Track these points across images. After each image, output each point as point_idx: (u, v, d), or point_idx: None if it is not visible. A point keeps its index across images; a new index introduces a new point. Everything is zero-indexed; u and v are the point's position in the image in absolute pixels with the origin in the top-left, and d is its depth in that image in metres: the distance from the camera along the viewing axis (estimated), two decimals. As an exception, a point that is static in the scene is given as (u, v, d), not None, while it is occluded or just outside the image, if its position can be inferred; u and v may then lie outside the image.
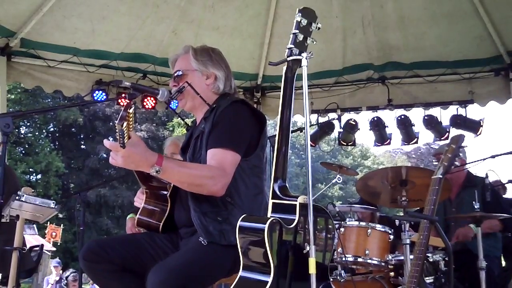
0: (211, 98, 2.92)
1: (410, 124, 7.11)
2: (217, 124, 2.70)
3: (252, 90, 7.59)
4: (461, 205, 5.17)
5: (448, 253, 3.94)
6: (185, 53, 3.00)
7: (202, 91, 2.91)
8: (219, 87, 2.94)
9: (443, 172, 3.02)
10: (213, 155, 2.61)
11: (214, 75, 2.93)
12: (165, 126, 32.62)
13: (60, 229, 19.22)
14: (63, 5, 5.85)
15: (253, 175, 2.72)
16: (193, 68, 2.93)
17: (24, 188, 3.83)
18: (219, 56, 3.03)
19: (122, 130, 2.21)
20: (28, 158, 28.74)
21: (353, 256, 4.25)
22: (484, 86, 6.77)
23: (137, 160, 2.38)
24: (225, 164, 2.57)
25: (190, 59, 2.94)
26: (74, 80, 6.63)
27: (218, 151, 2.61)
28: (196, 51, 2.98)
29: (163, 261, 2.52)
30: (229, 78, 2.99)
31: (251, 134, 2.73)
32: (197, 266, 2.51)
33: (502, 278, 5.43)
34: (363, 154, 47.32)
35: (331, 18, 6.48)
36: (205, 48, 3.04)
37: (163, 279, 2.36)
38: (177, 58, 3.04)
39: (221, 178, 2.53)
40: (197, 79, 2.92)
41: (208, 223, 2.60)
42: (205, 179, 2.53)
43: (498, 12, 6.07)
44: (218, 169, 2.55)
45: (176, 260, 2.51)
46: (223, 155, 2.59)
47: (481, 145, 15.55)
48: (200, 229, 2.61)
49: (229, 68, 3.02)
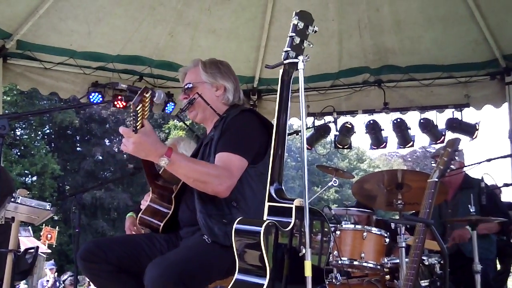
0: (221, 109, 2.98)
1: (406, 127, 7.12)
2: (225, 131, 2.76)
3: (249, 93, 7.59)
4: (457, 207, 5.18)
5: (443, 256, 3.94)
6: (194, 67, 3.07)
7: (212, 102, 2.97)
8: (228, 98, 3.01)
9: (439, 175, 3.03)
10: (220, 157, 2.67)
11: (223, 87, 3.00)
12: (161, 129, 32.60)
13: (56, 231, 19.15)
14: (59, 7, 5.85)
15: (259, 182, 2.72)
16: (203, 80, 2.99)
17: (19, 190, 3.81)
18: (228, 68, 3.09)
19: (136, 111, 2.21)
20: (24, 160, 28.68)
21: (348, 259, 4.24)
22: (480, 90, 6.80)
23: (148, 149, 2.43)
24: (232, 167, 2.62)
25: (200, 72, 3.01)
26: (70, 82, 6.62)
27: (226, 154, 2.66)
28: (205, 64, 3.05)
29: (161, 256, 2.53)
30: (237, 90, 3.06)
31: (260, 142, 2.77)
32: (195, 262, 2.52)
33: (497, 281, 5.44)
34: (359, 157, 47.41)
35: (328, 21, 6.49)
36: (213, 61, 3.10)
37: (161, 273, 2.37)
38: (186, 72, 3.10)
39: (227, 179, 2.58)
40: (207, 91, 2.98)
41: (213, 224, 2.64)
42: (211, 177, 2.57)
43: (494, 16, 6.09)
44: (224, 169, 2.60)
45: (175, 256, 2.53)
46: (230, 157, 2.65)
47: (477, 149, 15.59)
48: (205, 229, 2.64)
49: (237, 80, 3.09)
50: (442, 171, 3.04)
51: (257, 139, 2.77)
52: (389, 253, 4.44)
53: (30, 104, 28.23)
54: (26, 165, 28.34)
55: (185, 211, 2.88)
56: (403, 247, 3.95)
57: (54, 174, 29.56)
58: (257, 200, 2.70)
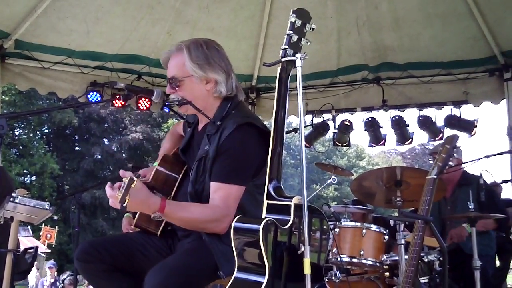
0: (213, 105, 2.74)
1: (404, 124, 7.13)
2: (222, 153, 2.57)
3: (247, 91, 7.59)
4: (456, 203, 5.19)
5: (442, 253, 3.94)
6: (177, 51, 2.74)
7: (203, 98, 2.72)
8: (220, 91, 2.71)
9: (438, 172, 3.04)
10: (218, 189, 2.54)
11: (214, 80, 2.70)
12: (160, 128, 32.55)
13: (55, 231, 19.20)
14: (57, 7, 5.84)
15: (259, 194, 2.48)
16: (189, 73, 2.68)
17: (18, 189, 3.79)
18: (216, 52, 2.75)
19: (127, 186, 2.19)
20: (23, 159, 28.67)
21: (348, 256, 4.24)
22: (478, 86, 6.80)
23: (139, 207, 2.49)
24: (230, 201, 2.52)
25: (185, 61, 2.68)
26: (68, 81, 6.62)
27: (223, 186, 2.54)
28: (190, 50, 2.69)
29: (161, 262, 2.50)
30: (230, 77, 2.74)
31: (258, 159, 2.59)
32: (195, 267, 2.50)
33: (496, 277, 5.45)
34: (358, 155, 47.42)
35: (326, 19, 6.49)
36: (198, 44, 2.73)
37: (163, 280, 2.35)
38: (169, 57, 2.78)
39: (225, 219, 2.49)
40: (195, 86, 2.70)
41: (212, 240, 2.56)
42: (208, 223, 2.52)
43: (492, 13, 6.09)
44: (222, 209, 2.50)
45: (175, 262, 2.50)
46: (228, 190, 2.53)
47: (475, 146, 15.57)
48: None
49: (228, 64, 2.76)
50: (440, 168, 3.05)
51: (256, 156, 2.59)
52: (388, 250, 4.44)
53: (29, 104, 28.21)
54: (25, 164, 28.33)
55: None
56: (402, 244, 3.95)
57: (53, 173, 29.54)
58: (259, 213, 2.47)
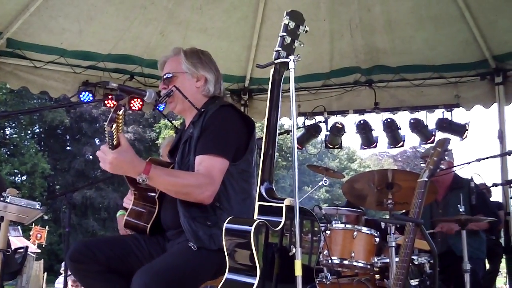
0: (200, 101, 2.91)
1: (396, 127, 7.15)
2: (205, 129, 2.70)
3: (240, 93, 7.60)
4: (447, 207, 5.21)
5: (433, 256, 3.96)
6: (174, 55, 2.99)
7: (192, 94, 2.90)
8: (209, 89, 2.93)
9: (429, 175, 3.05)
10: (201, 161, 2.62)
11: (204, 78, 2.93)
12: (152, 128, 32.54)
13: (45, 231, 19.11)
14: (50, 5, 5.81)
15: (241, 179, 2.71)
16: (183, 70, 2.92)
17: (9, 189, 3.77)
18: (209, 58, 3.01)
19: (111, 132, 2.21)
20: (13, 159, 28.55)
21: (339, 258, 4.26)
22: (470, 90, 6.83)
23: (125, 167, 2.44)
24: (213, 172, 2.58)
25: (180, 61, 2.93)
26: (60, 81, 6.58)
27: (206, 157, 2.61)
28: (186, 53, 2.96)
29: (148, 264, 2.50)
30: (218, 81, 2.98)
31: (239, 139, 2.74)
32: (182, 269, 2.50)
33: (486, 280, 5.48)
34: (350, 157, 47.50)
35: (319, 21, 6.50)
36: (194, 50, 3.02)
37: (148, 282, 2.35)
38: (166, 60, 3.02)
39: (209, 187, 2.54)
40: (187, 82, 2.91)
41: (197, 228, 2.59)
42: (192, 188, 2.54)
43: (484, 17, 6.12)
44: (205, 177, 2.55)
45: (161, 264, 2.50)
46: (211, 162, 2.60)
47: (467, 149, 15.67)
48: (189, 234, 2.59)
49: (218, 71, 3.01)
50: (432, 171, 3.06)
51: (237, 135, 2.73)
52: (379, 253, 4.46)
53: (20, 103, 28.09)
54: (16, 164, 28.21)
55: (168, 214, 2.82)
56: (393, 246, 3.97)
57: (44, 173, 29.43)
58: (239, 198, 2.69)
